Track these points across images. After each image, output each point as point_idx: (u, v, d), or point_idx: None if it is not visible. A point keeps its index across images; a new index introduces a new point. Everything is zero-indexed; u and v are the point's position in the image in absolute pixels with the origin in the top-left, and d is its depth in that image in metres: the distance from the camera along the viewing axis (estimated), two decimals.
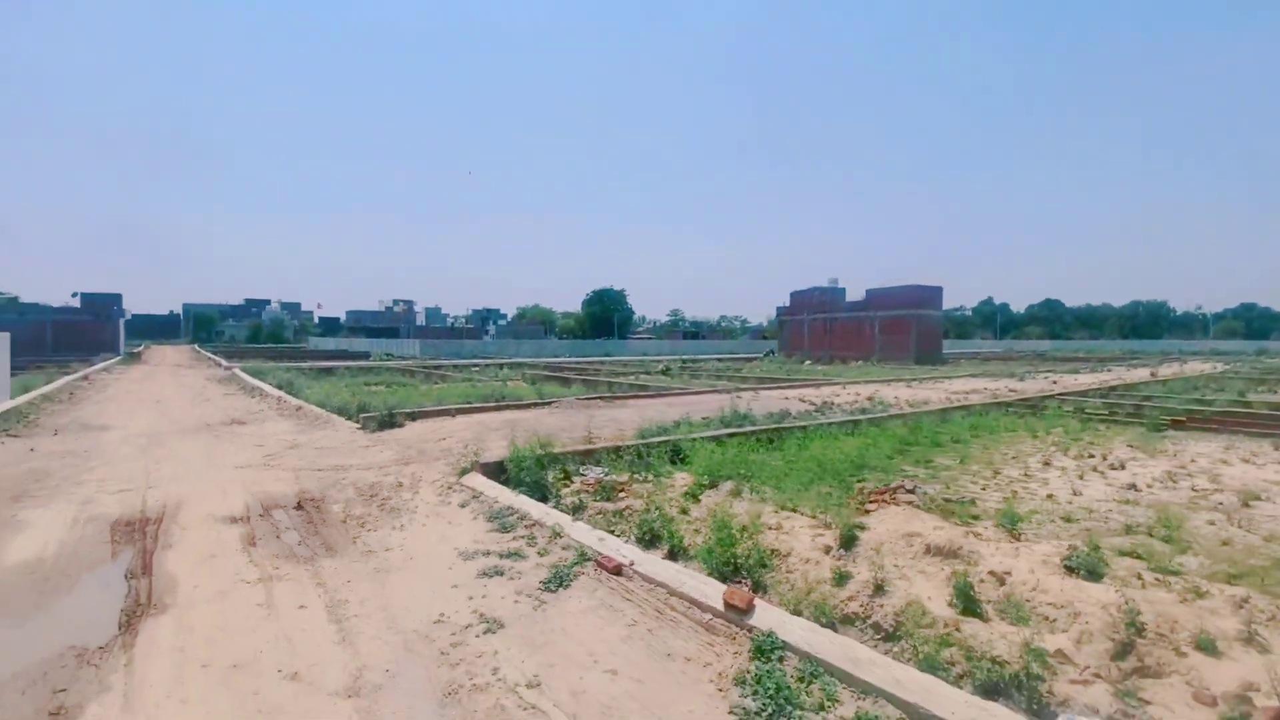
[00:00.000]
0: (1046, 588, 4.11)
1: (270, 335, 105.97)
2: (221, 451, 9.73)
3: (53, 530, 5.94)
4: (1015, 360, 45.73)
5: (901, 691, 3.09)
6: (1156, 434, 12.09)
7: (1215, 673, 3.32)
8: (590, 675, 3.47)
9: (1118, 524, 6.23)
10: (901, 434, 11.17)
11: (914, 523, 5.05)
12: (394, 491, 7.19)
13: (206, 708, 3.17)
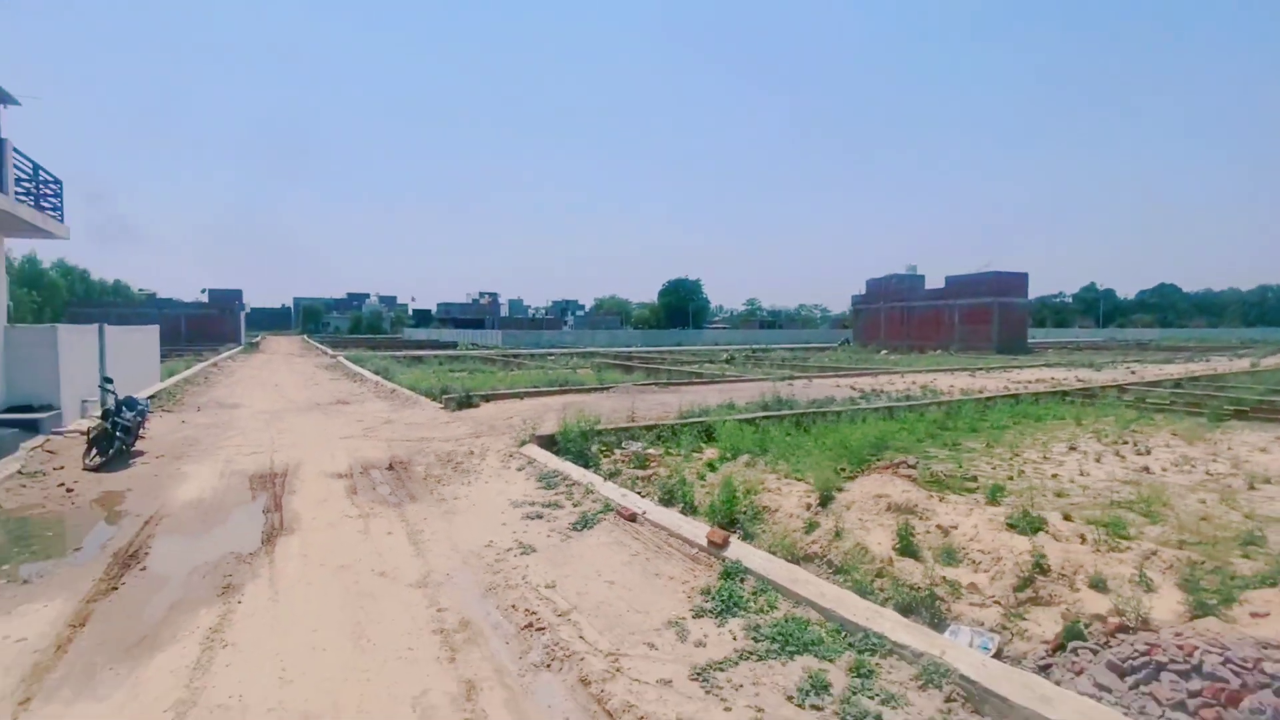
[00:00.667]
0: (982, 539, 4.87)
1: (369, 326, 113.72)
2: (329, 425, 11.56)
3: (207, 480, 7.68)
4: (1110, 350, 43.09)
5: (823, 601, 4.02)
6: (1215, 424, 11.87)
7: (1095, 604, 4.03)
8: (593, 583, 4.58)
9: (1106, 499, 6.71)
10: (939, 419, 11.63)
11: (887, 487, 5.84)
12: (465, 457, 8.58)
13: (323, 589, 4.52)
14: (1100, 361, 27.22)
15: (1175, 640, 3.17)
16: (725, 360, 29.04)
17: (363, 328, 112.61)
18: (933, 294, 46.23)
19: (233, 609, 4.19)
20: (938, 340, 44.43)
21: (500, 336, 56.35)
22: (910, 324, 47.17)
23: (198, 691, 3.25)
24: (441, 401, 13.46)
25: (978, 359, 32.83)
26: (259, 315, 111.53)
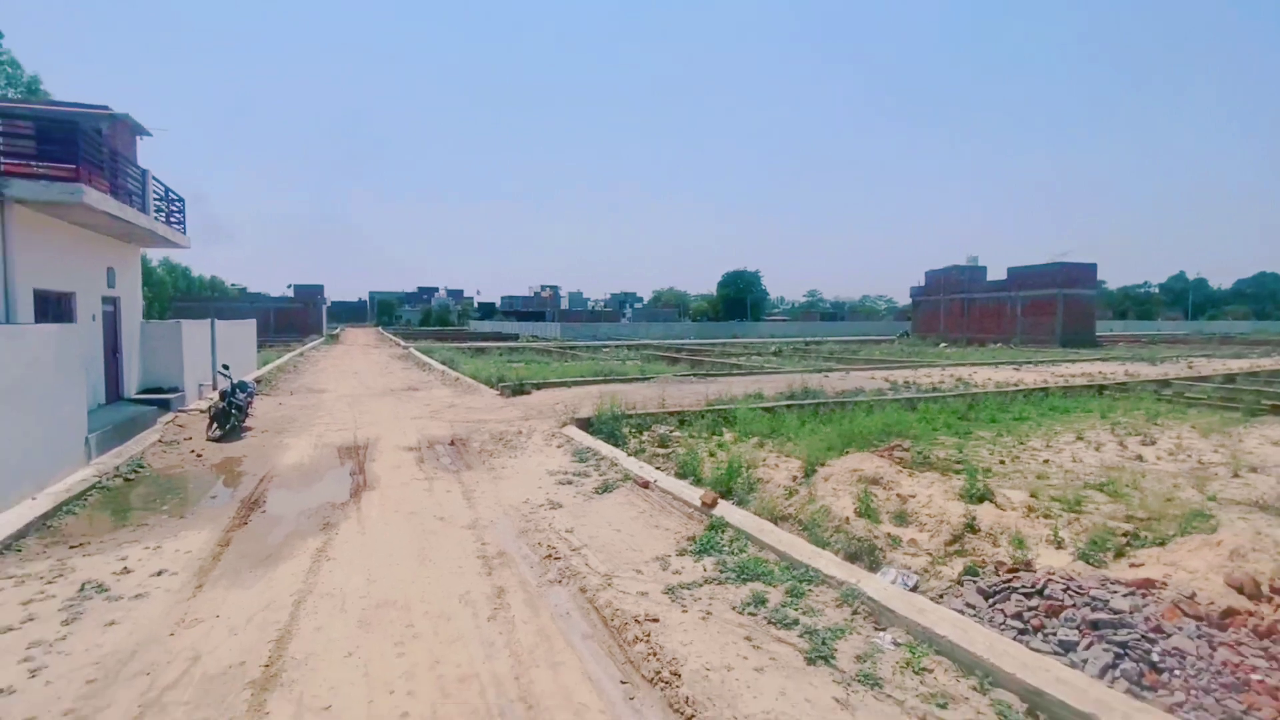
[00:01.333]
0: (933, 506, 5.74)
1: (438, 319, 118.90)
2: (401, 408, 13.18)
3: (304, 450, 9.27)
4: (1188, 344, 40.99)
5: (779, 546, 5.02)
6: (1248, 419, 11.94)
7: (1006, 555, 4.88)
8: (603, 530, 5.74)
9: (1081, 481, 7.35)
10: (960, 411, 12.21)
11: (864, 464, 6.72)
12: (514, 436, 9.90)
13: (397, 527, 5.85)
14: (1164, 356, 26.37)
15: (1037, 575, 4.05)
16: (773, 353, 29.64)
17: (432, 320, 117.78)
18: (994, 285, 45.06)
19: (331, 538, 5.57)
20: (998, 333, 43.38)
21: (559, 329, 58.32)
22: (970, 316, 46.14)
23: (310, 585, 4.59)
24: (498, 389, 14.92)
25: (1036, 353, 32.17)
26: (338, 308, 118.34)
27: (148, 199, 10.46)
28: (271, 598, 4.40)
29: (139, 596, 4.41)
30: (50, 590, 4.50)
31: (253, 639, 3.82)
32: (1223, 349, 32.03)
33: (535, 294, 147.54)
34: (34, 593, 4.46)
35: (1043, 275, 41.40)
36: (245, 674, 3.45)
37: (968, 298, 46.43)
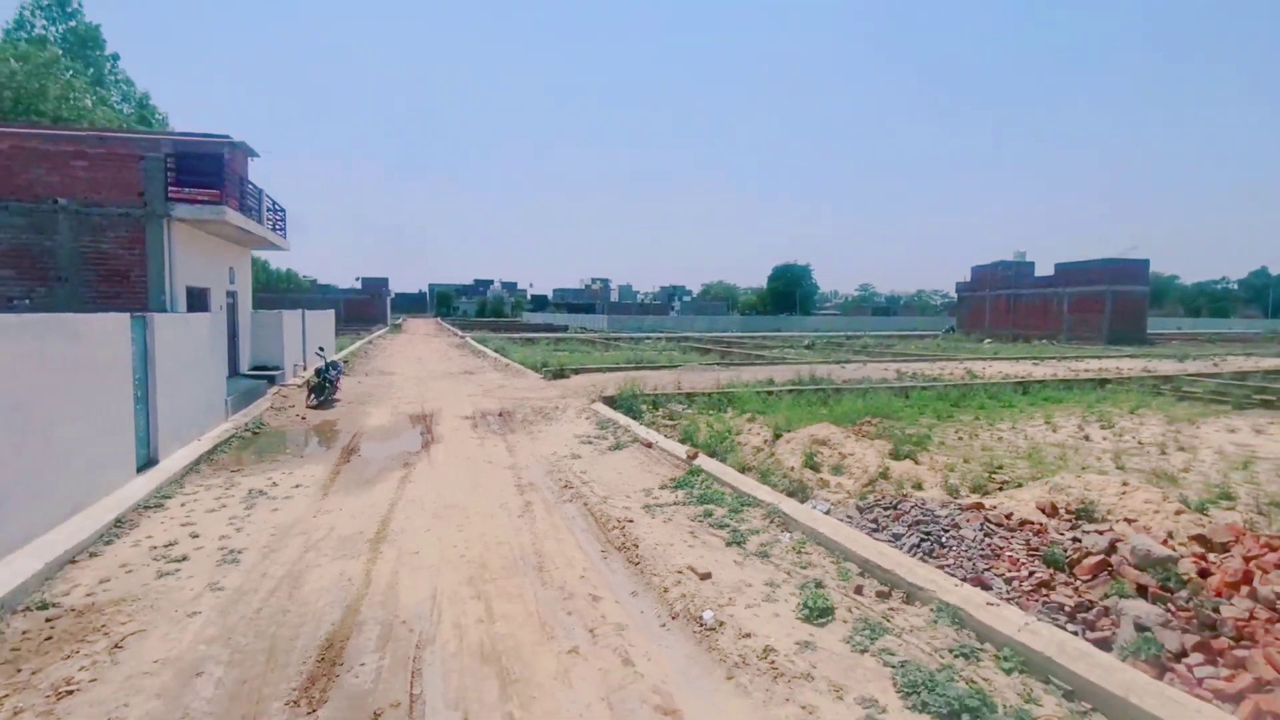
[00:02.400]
0: (864, 462, 7.34)
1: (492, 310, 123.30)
2: (459, 387, 15.36)
3: (383, 416, 11.46)
4: (1249, 342, 39.84)
5: (735, 482, 6.74)
6: (1231, 412, 12.82)
7: (901, 492, 6.46)
8: (608, 473, 7.58)
9: (1017, 453, 8.75)
10: (954, 398, 13.50)
11: (821, 432, 8.33)
12: (551, 410, 11.86)
13: (457, 467, 7.84)
14: (1200, 354, 26.38)
15: (902, 500, 5.67)
16: (805, 346, 30.87)
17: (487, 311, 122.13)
18: (1041, 281, 44.69)
19: (410, 471, 7.61)
20: (1044, 329, 43.11)
21: (606, 321, 60.54)
22: (1016, 312, 45.88)
23: (399, 496, 6.60)
24: (542, 373, 16.97)
25: (1077, 349, 32.30)
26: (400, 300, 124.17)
27: (261, 211, 12.88)
28: (373, 502, 6.43)
29: (287, 498, 6.52)
30: (230, 493, 6.66)
31: (365, 521, 5.84)
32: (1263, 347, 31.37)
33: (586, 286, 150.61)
34: (220, 494, 6.62)
35: (1091, 272, 40.94)
36: (363, 536, 5.45)
37: (1014, 293, 46.15)
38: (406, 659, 3.57)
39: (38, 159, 9.28)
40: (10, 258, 9.23)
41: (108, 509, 5.62)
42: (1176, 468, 8.12)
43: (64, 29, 30.15)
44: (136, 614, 4.05)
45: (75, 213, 9.35)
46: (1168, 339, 43.92)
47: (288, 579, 4.60)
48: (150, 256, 9.58)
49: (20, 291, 9.27)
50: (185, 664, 3.50)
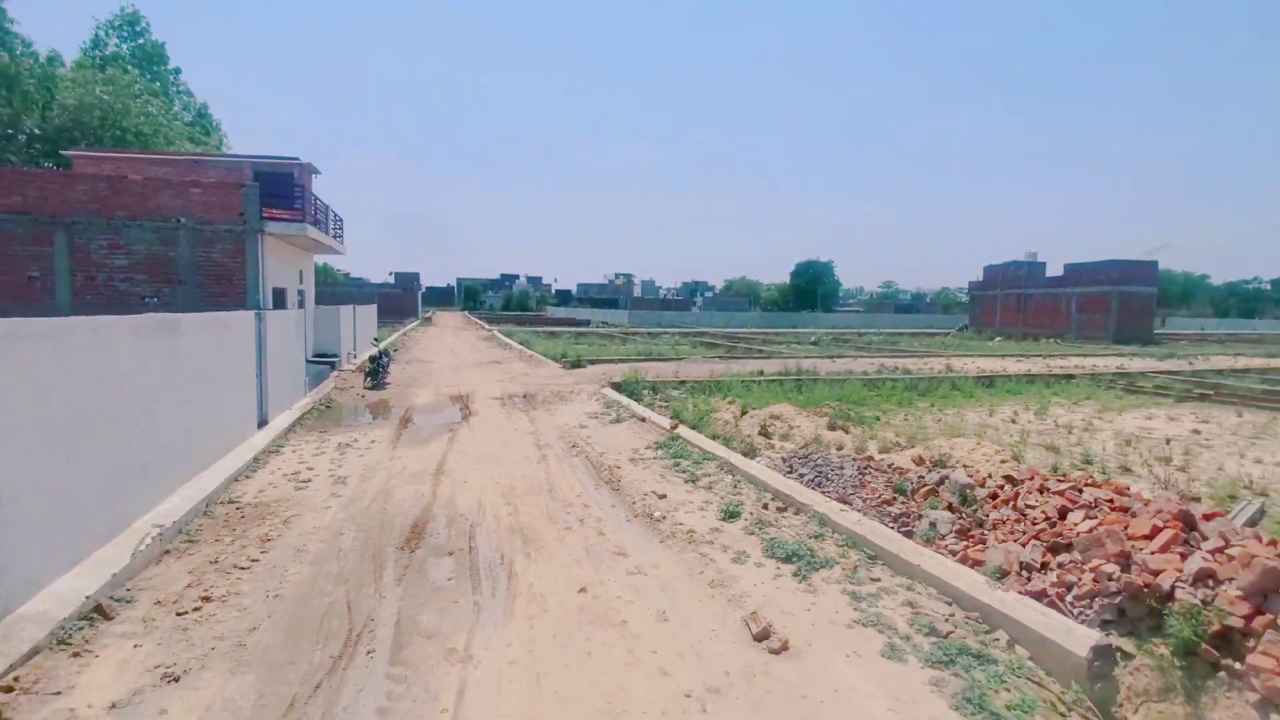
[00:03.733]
0: (806, 430, 9.37)
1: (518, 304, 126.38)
2: (488, 374, 17.65)
3: (428, 396, 13.76)
4: (1254, 342, 40.49)
5: (702, 444, 8.83)
6: (1173, 403, 14.49)
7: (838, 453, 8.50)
8: (607, 438, 9.73)
9: (943, 429, 10.67)
10: (922, 389, 15.37)
11: (779, 409, 10.35)
12: (567, 393, 14.04)
13: (490, 434, 10.06)
14: (1186, 353, 27.61)
15: (815, 453, 7.71)
16: (811, 343, 32.66)
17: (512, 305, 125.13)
18: (1051, 281, 45.70)
19: (455, 435, 9.84)
20: (1053, 328, 44.17)
21: (626, 316, 62.71)
22: (1026, 311, 46.94)
23: (448, 449, 8.82)
24: (561, 363, 19.18)
25: (1079, 348, 33.56)
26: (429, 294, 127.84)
27: (328, 223, 15.27)
28: (430, 453, 8.67)
29: (368, 449, 8.79)
30: (324, 445, 8.95)
31: (427, 464, 8.06)
32: (1267, 348, 32.31)
33: (609, 281, 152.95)
34: (317, 446, 8.92)
35: (1099, 272, 41.92)
36: (427, 472, 7.67)
37: (1024, 293, 47.20)
38: (464, 531, 5.76)
39: (165, 187, 11.72)
40: (144, 264, 11.69)
41: (248, 450, 7.93)
42: (1071, 443, 9.99)
43: (133, 46, 33.17)
44: (290, 507, 6.30)
45: (192, 229, 11.78)
46: (1176, 339, 44.65)
47: (381, 493, 6.84)
48: (248, 264, 11.98)
49: (150, 291, 11.73)
50: (331, 529, 5.73)
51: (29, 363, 3.96)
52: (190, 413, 6.55)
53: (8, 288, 11.02)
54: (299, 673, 3.53)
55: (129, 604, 4.22)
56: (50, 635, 3.63)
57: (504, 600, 4.44)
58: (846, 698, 3.36)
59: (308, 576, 4.75)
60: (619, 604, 4.39)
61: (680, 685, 3.46)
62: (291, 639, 3.87)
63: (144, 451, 5.48)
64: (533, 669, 3.60)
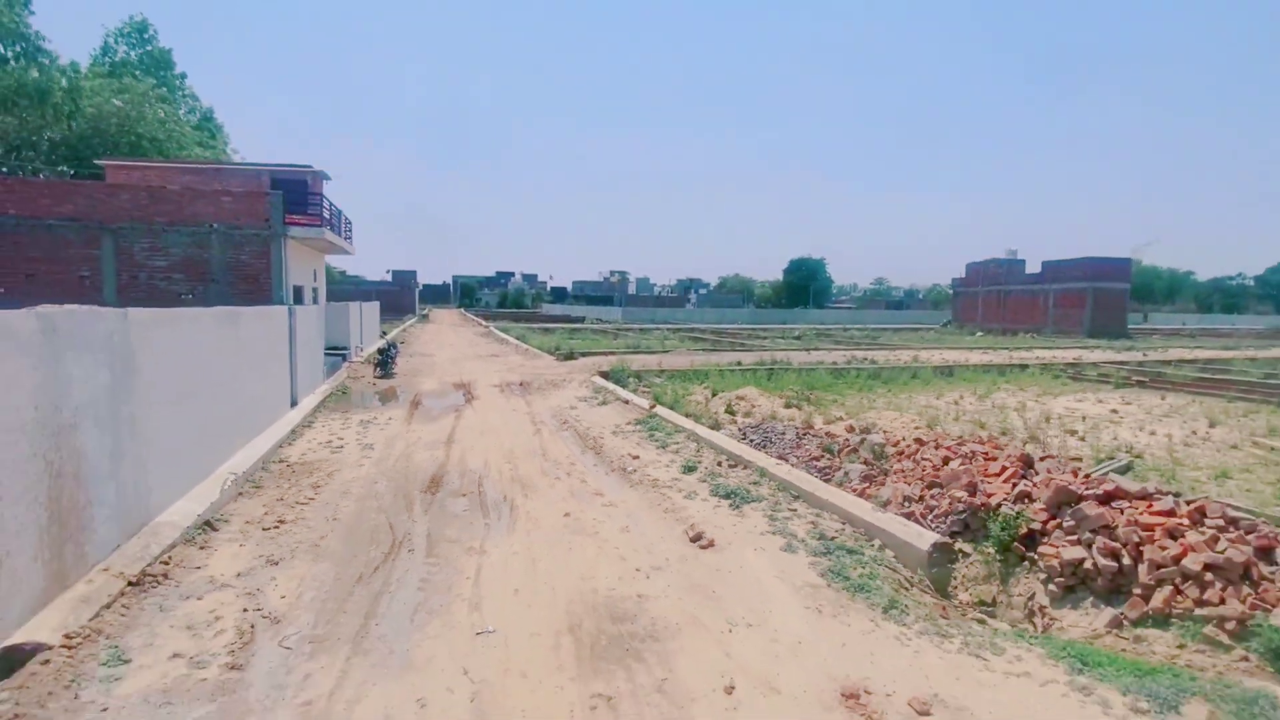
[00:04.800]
0: (765, 408, 10.82)
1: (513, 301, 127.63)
2: (488, 365, 19.05)
3: (433, 384, 15.16)
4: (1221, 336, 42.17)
5: (675, 420, 10.26)
6: (1113, 389, 15.98)
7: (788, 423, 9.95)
8: (594, 416, 11.16)
9: (889, 407, 12.12)
10: (884, 377, 16.84)
11: (744, 392, 11.78)
12: (560, 381, 15.46)
13: (491, 414, 11.48)
14: (1147, 347, 29.18)
15: (764, 423, 9.16)
16: (795, 337, 34.15)
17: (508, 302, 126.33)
18: (1029, 278, 47.27)
19: (460, 414, 11.25)
20: (1031, 323, 45.75)
21: (620, 313, 64.09)
22: (1006, 307, 48.52)
23: (456, 425, 10.23)
24: (555, 356, 20.59)
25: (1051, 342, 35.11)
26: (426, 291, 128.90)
27: (340, 225, 16.63)
28: (441, 427, 10.07)
29: (387, 424, 10.19)
30: (348, 422, 10.35)
31: (439, 435, 9.47)
32: (1232, 342, 33.94)
33: (605, 279, 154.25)
34: (342, 422, 10.31)
35: (1074, 269, 43.50)
36: (439, 441, 9.08)
37: (1004, 289, 48.78)
38: (474, 481, 7.17)
39: (200, 196, 13.08)
40: (181, 265, 13.05)
41: (285, 424, 9.32)
42: (999, 419, 11.45)
43: (141, 53, 34.35)
44: (330, 465, 7.71)
45: (223, 234, 13.13)
46: (1151, 333, 46.30)
47: (403, 456, 8.25)
48: (273, 264, 13.34)
49: (186, 289, 13.09)
50: (367, 480, 7.14)
51: (148, 339, 5.35)
52: (246, 389, 7.94)
53: (62, 286, 12.37)
54: (361, 562, 4.94)
55: (225, 523, 5.63)
56: (181, 536, 5.04)
57: (507, 522, 5.87)
58: (747, 571, 4.80)
59: (355, 509, 6.16)
60: (594, 523, 5.83)
61: (633, 566, 4.89)
62: (351, 544, 5.29)
63: (219, 416, 6.88)
64: (529, 558, 5.03)
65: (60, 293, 12.34)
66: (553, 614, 4.12)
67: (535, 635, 3.86)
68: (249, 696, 3.23)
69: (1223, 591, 4.10)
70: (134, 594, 4.17)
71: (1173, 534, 4.56)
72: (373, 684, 3.35)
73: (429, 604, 4.26)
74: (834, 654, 3.65)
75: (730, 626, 3.97)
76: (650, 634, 3.87)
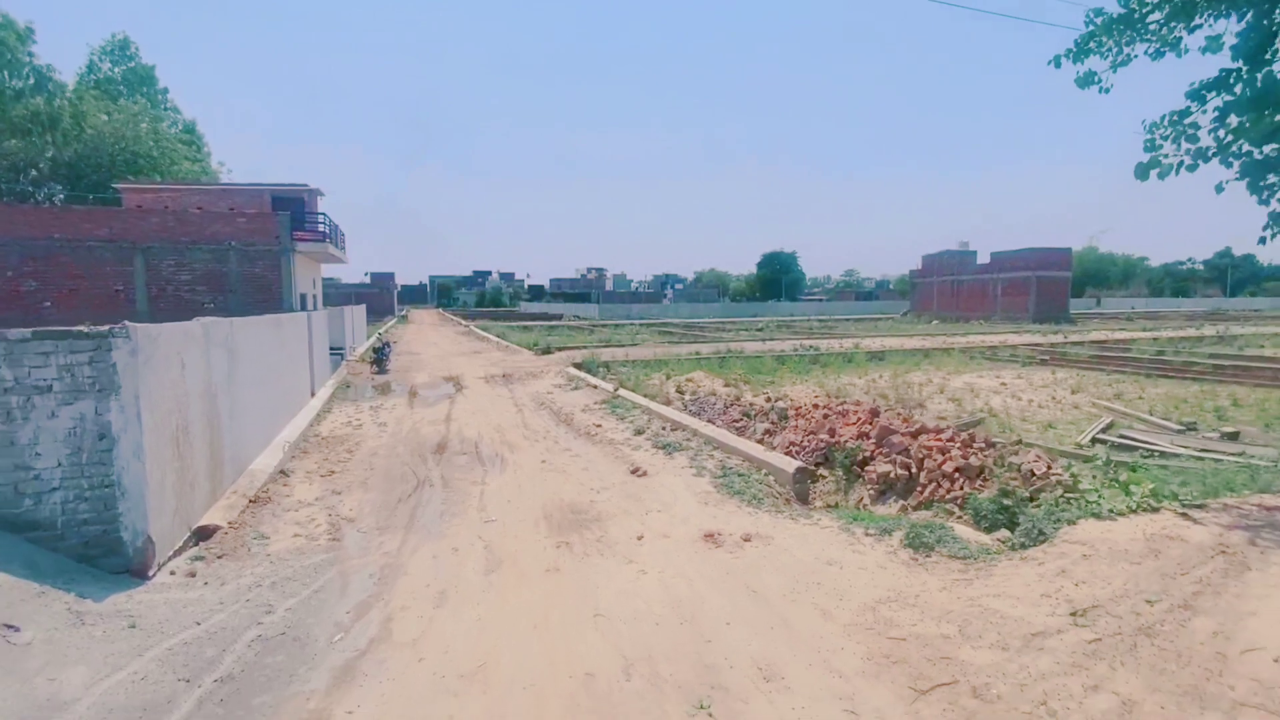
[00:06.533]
0: (708, 387, 13.09)
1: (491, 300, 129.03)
2: (472, 360, 21.10)
3: (425, 378, 17.20)
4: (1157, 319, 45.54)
5: (635, 400, 12.45)
6: (1019, 366, 18.50)
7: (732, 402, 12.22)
8: (567, 399, 13.33)
9: (815, 384, 14.45)
10: (824, 362, 19.21)
11: (694, 374, 14.03)
12: (538, 372, 17.58)
13: (479, 400, 13.59)
14: (1077, 330, 32.08)
15: (702, 396, 11.42)
16: (758, 329, 36.57)
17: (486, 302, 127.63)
18: (980, 269, 50.29)
19: (454, 401, 13.35)
20: (982, 311, 48.76)
21: (597, 310, 66.14)
22: (959, 296, 51.53)
23: (451, 409, 12.33)
24: (533, 351, 22.68)
25: (991, 327, 37.96)
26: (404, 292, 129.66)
27: (337, 236, 18.54)
28: (439, 410, 12.16)
29: (393, 409, 12.26)
30: (359, 409, 12.39)
31: (438, 416, 11.56)
32: (1159, 324, 37.09)
33: (582, 276, 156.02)
34: (354, 409, 12.35)
35: (1018, 259, 46.54)
36: (440, 419, 11.18)
37: (956, 279, 51.78)
38: (471, 445, 9.30)
39: (218, 218, 14.94)
40: (203, 278, 14.91)
41: (309, 411, 11.34)
42: (901, 392, 13.82)
43: (125, 70, 35.58)
44: (356, 437, 9.78)
45: (240, 250, 15.01)
46: (1092, 317, 49.59)
47: (412, 430, 10.34)
48: (283, 276, 15.26)
49: (208, 299, 14.95)
50: (388, 445, 9.24)
51: (236, 339, 7.39)
52: (285, 379, 9.98)
53: (100, 299, 14.15)
54: (398, 491, 7.07)
55: (293, 474, 7.71)
56: (269, 478, 7.13)
57: (499, 467, 8.04)
58: (665, 487, 7.02)
59: (384, 463, 8.28)
60: (562, 466, 8.02)
61: (589, 487, 7.08)
62: (388, 482, 7.41)
63: (272, 399, 8.93)
64: (517, 485, 7.20)
65: (99, 304, 14.13)
66: (533, 511, 6.30)
67: (522, 521, 6.04)
68: (348, 552, 5.36)
69: (964, 485, 6.42)
70: (254, 507, 6.27)
71: (943, 452, 6.88)
72: (423, 544, 5.50)
73: (450, 510, 6.42)
74: (707, 521, 5.88)
75: (646, 512, 6.19)
76: (595, 518, 6.08)
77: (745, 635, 3.83)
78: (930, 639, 3.65)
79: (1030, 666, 3.32)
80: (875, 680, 3.33)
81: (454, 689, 3.39)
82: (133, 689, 3.28)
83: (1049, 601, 3.91)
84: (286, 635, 3.94)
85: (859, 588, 4.38)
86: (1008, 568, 4.46)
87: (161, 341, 4.75)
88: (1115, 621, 3.63)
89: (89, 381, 4.18)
